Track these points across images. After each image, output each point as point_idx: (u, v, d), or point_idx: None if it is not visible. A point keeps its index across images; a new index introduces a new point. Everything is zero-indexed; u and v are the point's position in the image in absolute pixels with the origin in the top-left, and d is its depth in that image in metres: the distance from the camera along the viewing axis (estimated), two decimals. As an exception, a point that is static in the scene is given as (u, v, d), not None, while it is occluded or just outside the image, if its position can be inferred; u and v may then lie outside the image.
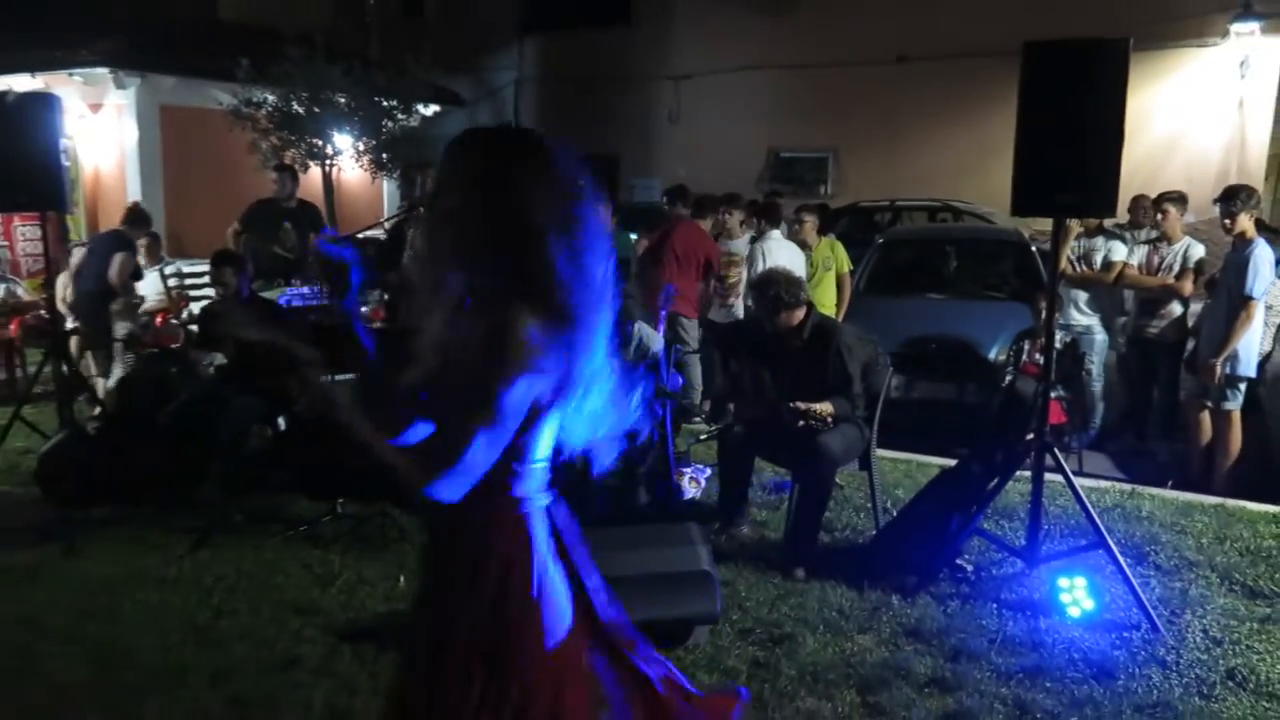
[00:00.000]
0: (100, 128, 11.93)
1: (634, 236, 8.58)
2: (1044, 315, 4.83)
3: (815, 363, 4.70)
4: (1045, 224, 8.47)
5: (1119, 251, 6.86)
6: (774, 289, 4.79)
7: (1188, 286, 6.60)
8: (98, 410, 5.93)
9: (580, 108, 15.66)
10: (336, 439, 5.41)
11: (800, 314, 4.80)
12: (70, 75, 11.16)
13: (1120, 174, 3.85)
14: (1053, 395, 5.08)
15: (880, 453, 5.35)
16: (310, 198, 12.01)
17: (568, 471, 5.25)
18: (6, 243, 10.38)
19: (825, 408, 4.56)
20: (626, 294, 5.56)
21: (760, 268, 6.45)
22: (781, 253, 7.08)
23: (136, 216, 8.03)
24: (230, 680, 3.45)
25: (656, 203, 8.21)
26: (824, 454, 4.57)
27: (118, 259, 7.44)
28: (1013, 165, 3.94)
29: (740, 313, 7.43)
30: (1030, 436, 4.41)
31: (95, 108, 11.88)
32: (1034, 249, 8.16)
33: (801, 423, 4.55)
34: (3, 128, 5.38)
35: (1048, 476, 4.49)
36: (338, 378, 1.67)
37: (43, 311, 6.86)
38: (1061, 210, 4.13)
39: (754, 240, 7.50)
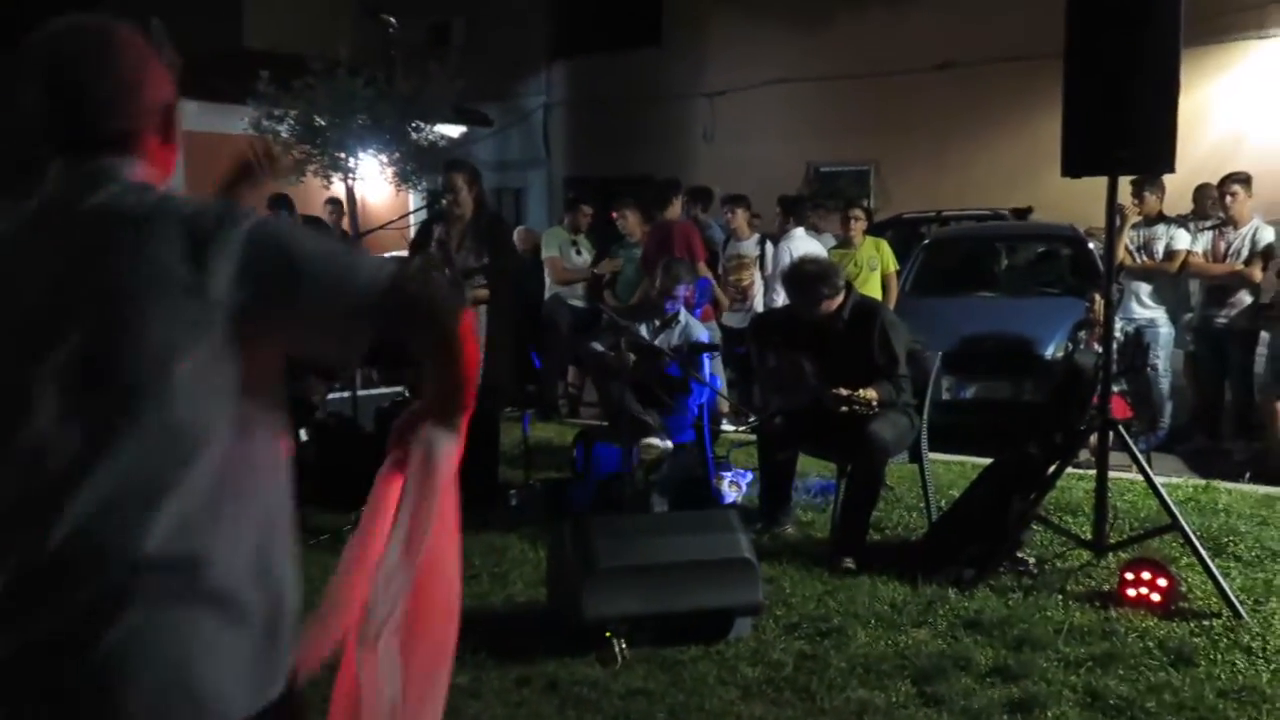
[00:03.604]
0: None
1: None
2: (1102, 303, 4.52)
3: (858, 344, 4.45)
4: (1101, 219, 8.12)
5: (1182, 239, 6.51)
6: (813, 279, 4.59)
7: (1258, 273, 6.21)
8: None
9: (611, 129, 15.43)
10: (355, 449, 5.19)
11: (840, 298, 4.58)
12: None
13: (1177, 124, 3.60)
14: (1115, 389, 4.77)
15: (933, 455, 5.08)
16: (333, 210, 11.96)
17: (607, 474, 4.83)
18: None
19: (870, 393, 4.31)
20: (675, 277, 5.33)
21: (785, 264, 6.21)
22: (806, 251, 6.85)
23: None
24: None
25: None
26: (875, 442, 4.31)
27: None
28: (1061, 122, 3.70)
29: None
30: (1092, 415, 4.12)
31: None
32: (1090, 245, 7.83)
33: (846, 409, 4.30)
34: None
35: (1112, 473, 4.22)
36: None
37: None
38: (1118, 167, 3.85)
39: (762, 241, 7.37)
